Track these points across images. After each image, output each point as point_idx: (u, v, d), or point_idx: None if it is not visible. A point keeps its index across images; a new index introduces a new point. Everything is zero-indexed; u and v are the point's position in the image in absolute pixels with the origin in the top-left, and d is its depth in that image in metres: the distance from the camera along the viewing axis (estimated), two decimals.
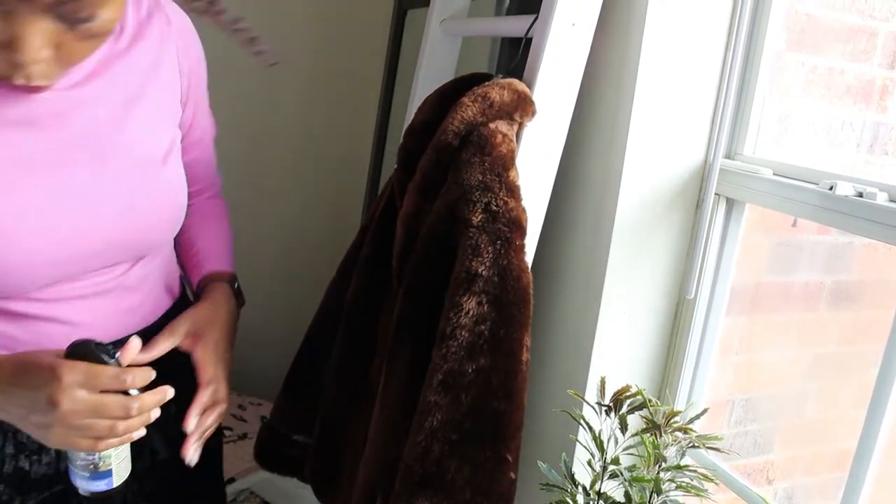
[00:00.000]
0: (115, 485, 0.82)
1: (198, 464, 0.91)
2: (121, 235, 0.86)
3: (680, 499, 0.81)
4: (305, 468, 1.18)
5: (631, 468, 0.84)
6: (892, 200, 0.80)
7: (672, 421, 0.82)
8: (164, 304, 1.01)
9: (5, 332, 0.83)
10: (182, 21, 0.95)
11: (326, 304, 1.19)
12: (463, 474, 0.82)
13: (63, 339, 0.80)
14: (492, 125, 0.88)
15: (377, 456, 0.92)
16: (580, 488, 0.84)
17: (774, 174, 0.95)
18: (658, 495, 0.79)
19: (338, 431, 1.11)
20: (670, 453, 0.81)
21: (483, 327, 0.82)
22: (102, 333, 0.85)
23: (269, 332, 1.91)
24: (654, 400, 0.84)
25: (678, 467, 0.80)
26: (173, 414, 0.89)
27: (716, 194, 1.00)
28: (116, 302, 0.91)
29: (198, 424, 0.90)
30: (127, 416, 0.75)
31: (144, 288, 0.95)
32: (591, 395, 1.00)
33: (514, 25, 1.03)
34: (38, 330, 0.85)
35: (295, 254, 1.98)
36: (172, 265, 1.06)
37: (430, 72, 1.28)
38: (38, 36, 0.68)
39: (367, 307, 1.06)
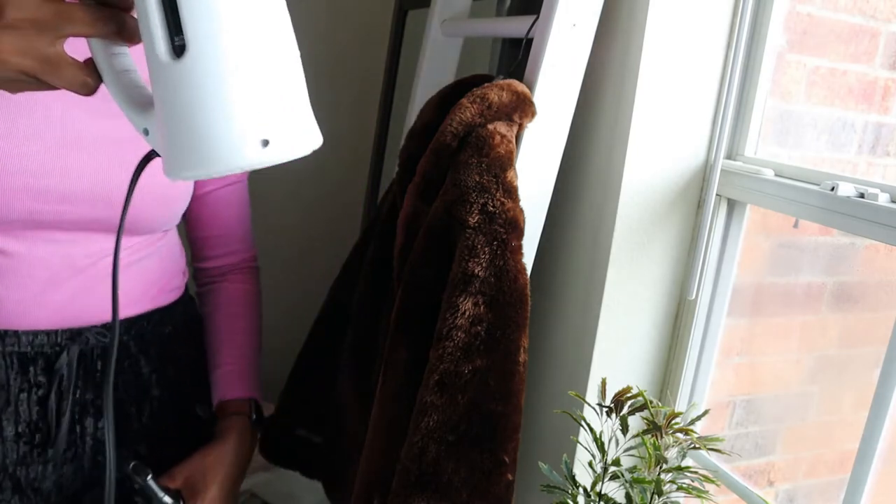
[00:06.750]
0: None
1: None
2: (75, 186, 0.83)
3: (681, 500, 0.81)
4: (313, 464, 1.18)
5: (632, 469, 0.84)
6: (893, 201, 0.80)
7: (673, 422, 0.82)
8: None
9: None
10: None
11: (330, 301, 1.19)
12: (460, 475, 0.81)
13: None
14: (490, 126, 0.88)
15: (374, 456, 0.92)
16: (581, 489, 0.83)
17: (776, 175, 0.94)
18: (659, 497, 0.79)
19: (348, 429, 1.11)
20: (671, 454, 0.81)
21: (479, 328, 0.82)
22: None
23: (267, 338, 1.90)
24: (654, 401, 0.84)
25: (679, 469, 0.80)
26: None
27: (717, 195, 1.00)
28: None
29: None
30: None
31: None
32: (591, 396, 1.00)
33: (515, 26, 1.03)
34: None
35: (294, 256, 1.98)
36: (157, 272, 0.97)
37: (431, 73, 1.28)
38: None
39: (373, 309, 1.06)
